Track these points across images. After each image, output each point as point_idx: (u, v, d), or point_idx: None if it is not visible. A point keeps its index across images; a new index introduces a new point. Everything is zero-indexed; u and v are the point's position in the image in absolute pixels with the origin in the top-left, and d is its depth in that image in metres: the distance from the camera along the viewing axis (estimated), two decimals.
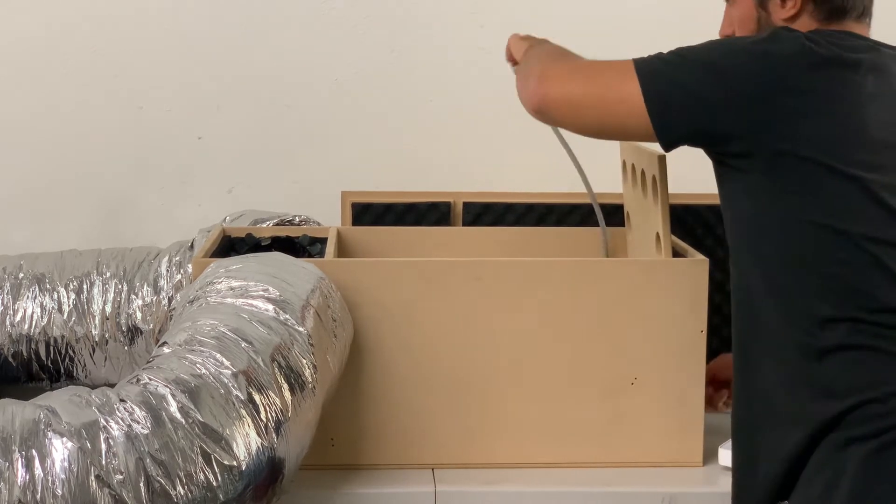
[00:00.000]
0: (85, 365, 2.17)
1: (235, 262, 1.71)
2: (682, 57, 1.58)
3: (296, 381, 1.53)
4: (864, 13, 1.64)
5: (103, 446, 1.34)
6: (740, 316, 1.61)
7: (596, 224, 2.22)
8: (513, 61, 1.91)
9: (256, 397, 1.45)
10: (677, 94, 1.55)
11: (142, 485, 1.34)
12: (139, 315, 2.16)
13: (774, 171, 1.51)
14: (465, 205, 2.30)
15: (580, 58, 1.71)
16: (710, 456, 1.89)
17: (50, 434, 1.34)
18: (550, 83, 1.66)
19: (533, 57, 1.77)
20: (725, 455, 1.87)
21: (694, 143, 1.58)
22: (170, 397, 1.40)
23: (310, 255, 2.06)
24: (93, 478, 1.32)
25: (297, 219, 2.24)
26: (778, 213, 1.52)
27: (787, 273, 1.52)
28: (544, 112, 1.68)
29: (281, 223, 2.21)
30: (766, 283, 1.55)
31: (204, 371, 1.45)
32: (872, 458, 1.43)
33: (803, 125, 1.49)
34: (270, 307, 1.59)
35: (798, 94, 1.50)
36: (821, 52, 1.51)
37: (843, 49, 1.53)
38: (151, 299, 2.16)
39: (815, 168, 1.48)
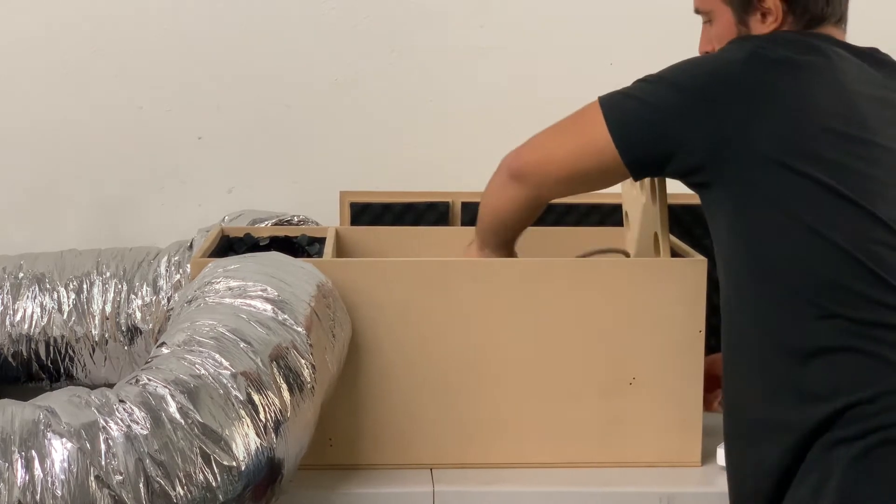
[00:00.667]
0: (85, 365, 2.17)
1: (234, 262, 1.71)
2: (643, 81, 1.62)
3: (294, 382, 1.53)
4: (841, 19, 1.66)
5: (103, 447, 1.34)
6: (724, 329, 1.62)
7: (596, 224, 2.23)
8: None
9: (255, 398, 1.46)
10: (636, 113, 1.59)
11: (141, 485, 1.34)
12: (139, 315, 2.16)
13: (737, 177, 1.53)
14: (464, 205, 2.30)
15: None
16: (708, 456, 1.89)
17: (49, 435, 1.34)
18: (524, 150, 1.73)
19: (491, 181, 1.83)
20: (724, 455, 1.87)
21: (657, 160, 1.61)
22: (169, 398, 1.40)
23: (308, 255, 2.06)
24: (92, 478, 1.32)
25: (296, 219, 2.24)
26: (748, 220, 1.53)
27: (765, 279, 1.52)
28: (523, 176, 1.73)
29: (279, 223, 2.21)
30: (745, 291, 1.55)
31: (203, 371, 1.45)
32: (859, 460, 1.42)
33: (754, 128, 1.51)
34: (269, 307, 1.59)
35: (746, 97, 1.51)
36: (769, 55, 1.53)
37: (797, 50, 1.55)
38: (151, 299, 2.16)
39: (775, 168, 1.49)
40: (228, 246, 2.08)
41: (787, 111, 1.51)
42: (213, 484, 1.38)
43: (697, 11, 1.75)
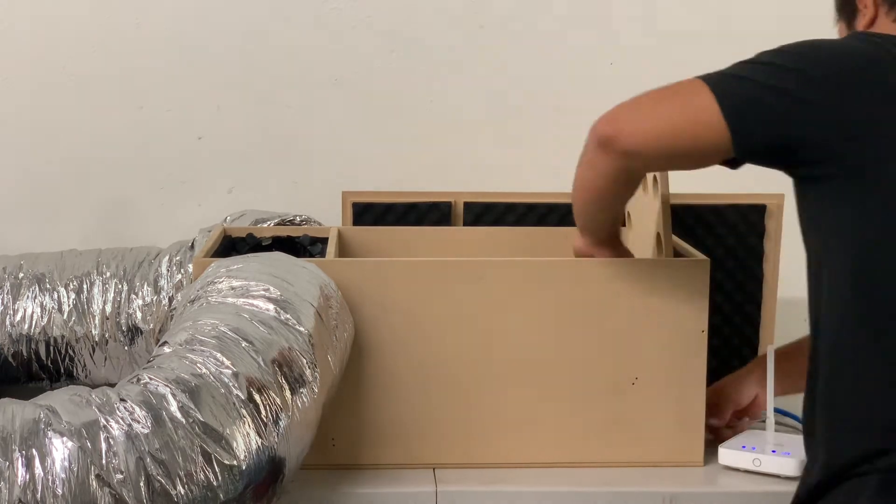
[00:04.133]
0: (85, 365, 2.17)
1: (236, 262, 1.71)
2: (751, 63, 1.51)
3: (296, 381, 1.53)
4: None
5: (103, 446, 1.34)
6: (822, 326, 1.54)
7: None
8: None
9: (257, 397, 1.45)
10: (755, 97, 1.48)
11: (142, 484, 1.34)
12: (139, 315, 2.16)
13: (859, 178, 1.45)
14: (466, 205, 2.30)
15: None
16: (710, 456, 1.89)
17: (50, 433, 1.34)
18: (621, 118, 1.57)
19: (576, 176, 1.72)
20: (726, 454, 1.87)
21: (771, 151, 1.50)
22: (170, 397, 1.40)
23: (311, 255, 2.06)
24: (93, 477, 1.32)
25: (298, 219, 2.24)
26: (872, 222, 1.45)
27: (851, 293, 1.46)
28: (614, 141, 1.56)
29: (282, 223, 2.21)
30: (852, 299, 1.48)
31: (204, 371, 1.45)
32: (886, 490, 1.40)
33: (885, 128, 1.44)
34: (271, 307, 1.59)
35: (882, 97, 1.45)
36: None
37: None
38: (152, 299, 2.16)
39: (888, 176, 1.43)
40: (231, 246, 2.08)
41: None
42: (214, 483, 1.38)
43: None
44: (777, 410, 1.91)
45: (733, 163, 1.55)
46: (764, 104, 1.48)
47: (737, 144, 1.49)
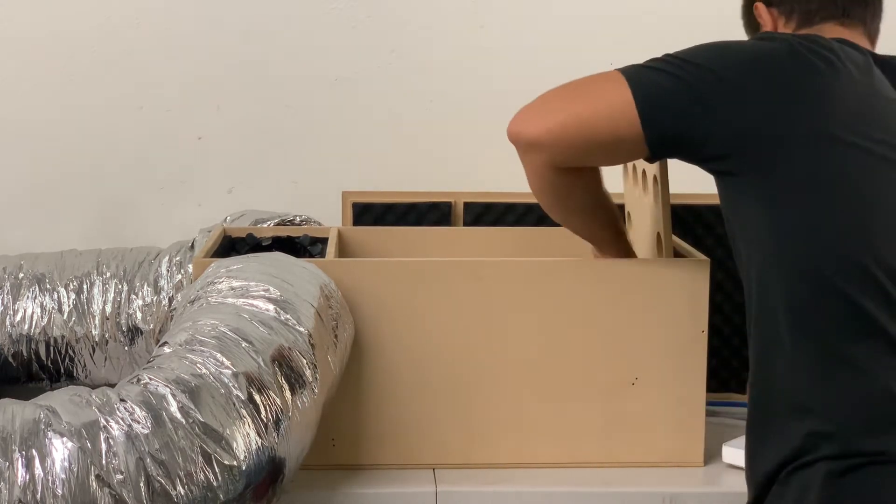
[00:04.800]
0: (85, 365, 2.17)
1: (236, 262, 1.71)
2: (668, 59, 1.57)
3: (296, 381, 1.52)
4: (846, 14, 1.66)
5: (103, 446, 1.34)
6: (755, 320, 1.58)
7: None
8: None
9: (257, 397, 1.45)
10: (668, 90, 1.52)
11: (142, 484, 1.34)
12: (139, 315, 2.16)
13: (773, 162, 1.49)
14: (466, 205, 2.30)
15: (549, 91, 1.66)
16: (711, 456, 1.89)
17: (50, 434, 1.34)
18: (528, 115, 1.61)
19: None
20: (729, 452, 1.87)
21: (682, 141, 1.55)
22: (170, 397, 1.40)
23: (311, 256, 2.06)
24: (93, 477, 1.32)
25: (298, 219, 2.24)
26: (787, 205, 1.49)
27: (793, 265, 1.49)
28: (533, 144, 1.60)
29: (282, 223, 2.21)
30: (771, 282, 1.52)
31: (204, 371, 1.45)
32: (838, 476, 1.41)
33: (791, 116, 1.48)
34: (271, 307, 1.59)
35: (785, 89, 1.49)
36: (807, 54, 1.51)
37: (827, 50, 1.53)
38: (152, 299, 2.16)
39: (820, 144, 1.47)
40: (231, 246, 2.08)
41: (821, 107, 1.49)
42: (214, 483, 1.38)
43: None
44: None
45: (651, 157, 1.60)
46: (674, 98, 1.52)
47: (648, 138, 1.54)
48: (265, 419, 1.45)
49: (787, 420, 1.48)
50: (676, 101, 1.53)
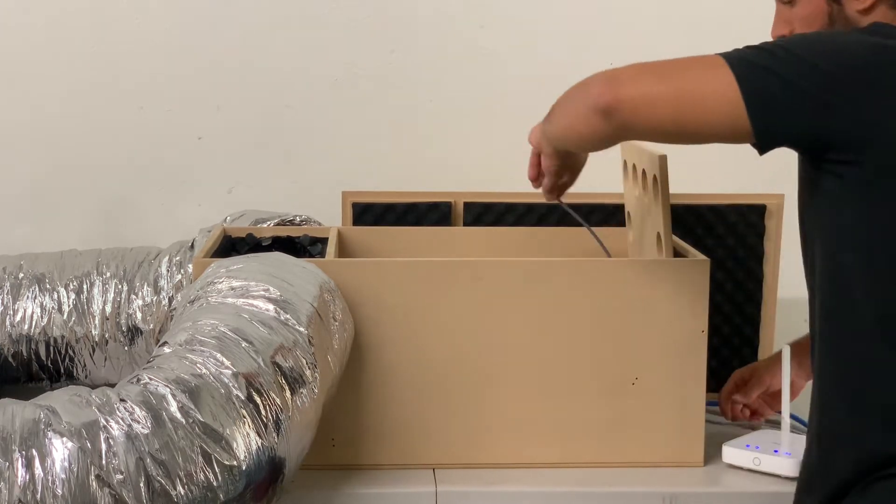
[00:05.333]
0: (85, 365, 2.17)
1: (236, 262, 1.71)
2: (779, 50, 1.44)
3: (296, 381, 1.52)
4: None
5: (103, 446, 1.34)
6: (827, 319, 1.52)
7: (595, 224, 2.22)
8: (538, 145, 1.81)
9: (257, 397, 1.45)
10: (782, 91, 1.41)
11: (142, 484, 1.34)
12: (139, 315, 2.16)
13: (880, 181, 1.41)
14: (466, 205, 2.30)
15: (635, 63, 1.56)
16: (711, 456, 1.89)
17: (50, 434, 1.34)
18: (622, 81, 1.49)
19: (565, 96, 1.63)
20: (729, 452, 1.87)
21: (795, 145, 1.47)
22: (170, 397, 1.40)
23: (310, 256, 2.06)
24: (93, 477, 1.32)
25: (298, 219, 2.24)
26: (879, 226, 1.43)
27: (882, 290, 1.44)
28: (617, 112, 1.48)
29: (282, 223, 2.21)
30: (860, 298, 1.45)
31: (204, 371, 1.45)
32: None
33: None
34: (271, 307, 1.59)
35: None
36: None
37: None
38: (151, 299, 2.16)
39: None
40: (231, 246, 2.08)
41: None
42: (214, 483, 1.38)
43: None
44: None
45: (761, 151, 1.49)
46: (789, 100, 1.42)
47: (758, 135, 1.44)
48: (265, 419, 1.45)
49: (875, 429, 1.45)
50: (790, 102, 1.42)
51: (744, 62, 1.44)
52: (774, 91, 1.42)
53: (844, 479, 1.46)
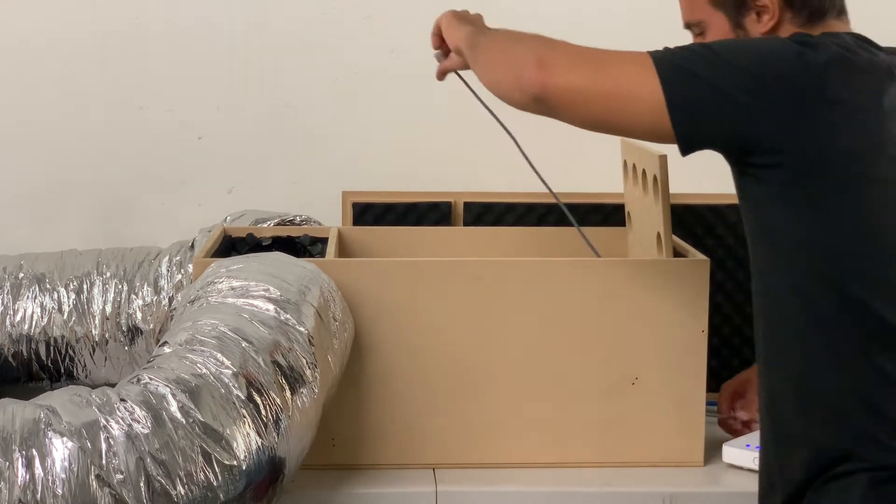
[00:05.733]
0: (85, 365, 2.17)
1: (236, 262, 1.71)
2: (708, 53, 1.46)
3: (296, 381, 1.52)
4: (842, 10, 1.59)
5: (103, 446, 1.34)
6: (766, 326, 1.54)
7: (596, 224, 2.22)
8: (445, 48, 1.85)
9: (257, 397, 1.45)
10: (705, 95, 1.44)
11: (142, 484, 1.34)
12: (139, 315, 2.16)
13: (800, 184, 1.43)
14: (466, 205, 2.30)
15: (570, 43, 1.57)
16: (711, 456, 1.89)
17: (50, 433, 1.34)
18: (553, 71, 1.50)
19: (501, 42, 1.66)
20: (729, 452, 1.87)
21: (716, 148, 1.49)
22: (170, 397, 1.40)
23: (311, 255, 2.06)
24: (93, 477, 1.32)
25: (298, 219, 2.24)
26: (805, 227, 1.44)
27: (812, 289, 1.45)
28: (544, 101, 1.51)
29: (282, 223, 2.21)
30: (792, 297, 1.48)
31: (204, 371, 1.45)
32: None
33: (835, 138, 1.42)
34: (271, 307, 1.59)
35: (832, 104, 1.42)
36: (855, 59, 1.45)
37: (872, 55, 1.47)
38: (152, 299, 2.16)
39: (842, 181, 1.42)
40: (231, 246, 2.08)
41: (864, 124, 1.43)
42: (214, 483, 1.38)
43: (688, 26, 1.67)
44: None
45: (683, 152, 1.51)
46: (712, 107, 1.44)
47: (680, 138, 1.46)
48: (265, 419, 1.44)
49: (823, 428, 1.45)
50: (712, 107, 1.44)
51: (670, 65, 1.46)
52: (698, 95, 1.44)
53: (800, 480, 1.47)
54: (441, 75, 1.94)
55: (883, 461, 1.41)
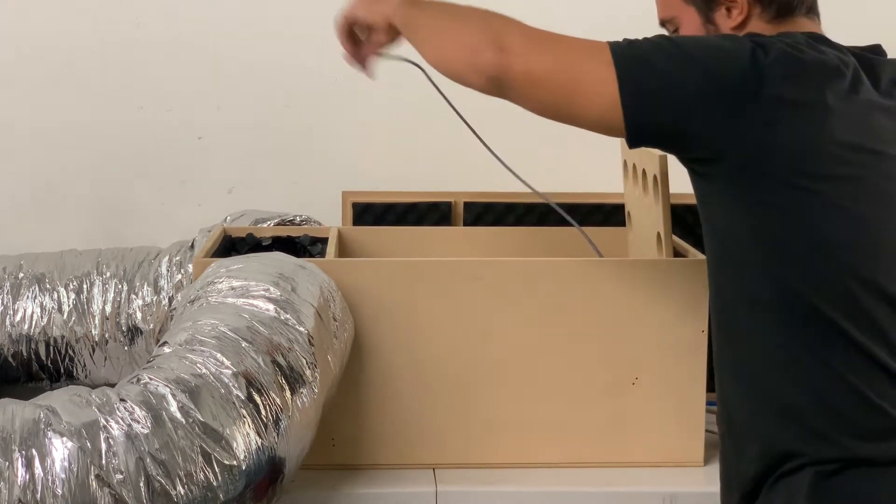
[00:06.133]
0: (85, 365, 2.17)
1: (236, 262, 1.71)
2: (670, 46, 1.47)
3: (296, 381, 1.52)
4: (812, 9, 1.59)
5: (103, 446, 1.34)
6: (717, 332, 1.56)
7: (595, 224, 2.22)
8: (364, 24, 1.77)
9: (257, 397, 1.45)
10: (657, 87, 1.44)
11: (142, 484, 1.34)
12: (139, 315, 2.16)
13: (741, 181, 1.45)
14: (466, 205, 2.30)
15: (525, 24, 1.56)
16: (711, 456, 1.88)
17: (50, 434, 1.34)
18: (513, 54, 1.49)
19: (446, 18, 1.61)
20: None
21: (660, 140, 1.50)
22: (170, 397, 1.40)
23: (311, 255, 2.06)
24: (93, 477, 1.32)
25: (298, 218, 2.24)
26: (748, 225, 1.46)
27: (759, 286, 1.46)
28: (500, 84, 1.50)
29: (282, 223, 2.21)
30: (740, 295, 1.49)
31: (204, 371, 1.45)
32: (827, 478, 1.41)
33: (774, 135, 1.43)
34: (271, 307, 1.58)
35: (772, 102, 1.43)
36: (800, 56, 1.46)
37: (820, 52, 1.48)
38: (151, 299, 2.16)
39: (782, 178, 1.43)
40: (231, 246, 2.08)
41: (806, 122, 1.44)
42: (214, 483, 1.38)
43: (663, 23, 1.68)
44: None
45: (630, 143, 1.52)
46: (662, 97, 1.45)
47: (629, 127, 1.47)
48: (265, 419, 1.44)
49: (772, 425, 1.46)
50: (662, 101, 1.45)
51: (630, 57, 1.46)
52: (652, 86, 1.45)
53: (755, 476, 1.48)
54: (359, 60, 1.83)
55: (828, 455, 1.41)
